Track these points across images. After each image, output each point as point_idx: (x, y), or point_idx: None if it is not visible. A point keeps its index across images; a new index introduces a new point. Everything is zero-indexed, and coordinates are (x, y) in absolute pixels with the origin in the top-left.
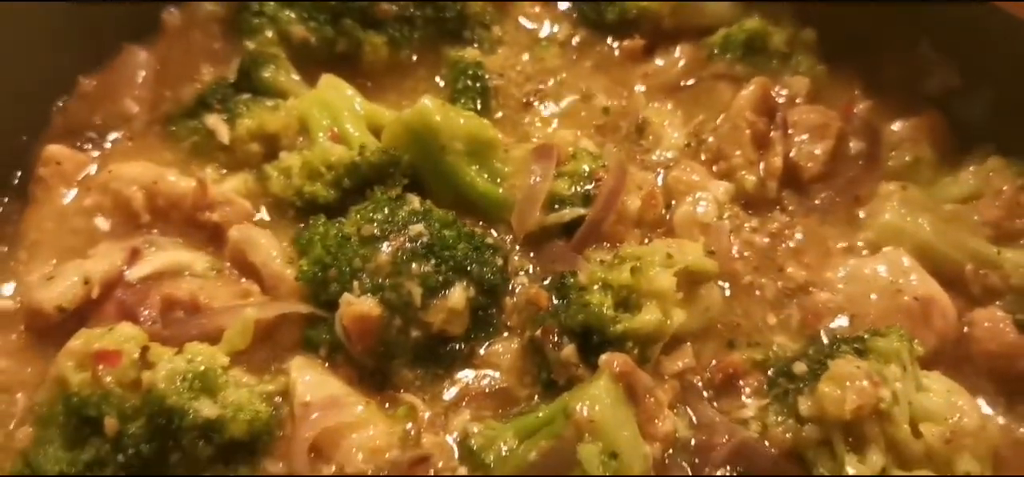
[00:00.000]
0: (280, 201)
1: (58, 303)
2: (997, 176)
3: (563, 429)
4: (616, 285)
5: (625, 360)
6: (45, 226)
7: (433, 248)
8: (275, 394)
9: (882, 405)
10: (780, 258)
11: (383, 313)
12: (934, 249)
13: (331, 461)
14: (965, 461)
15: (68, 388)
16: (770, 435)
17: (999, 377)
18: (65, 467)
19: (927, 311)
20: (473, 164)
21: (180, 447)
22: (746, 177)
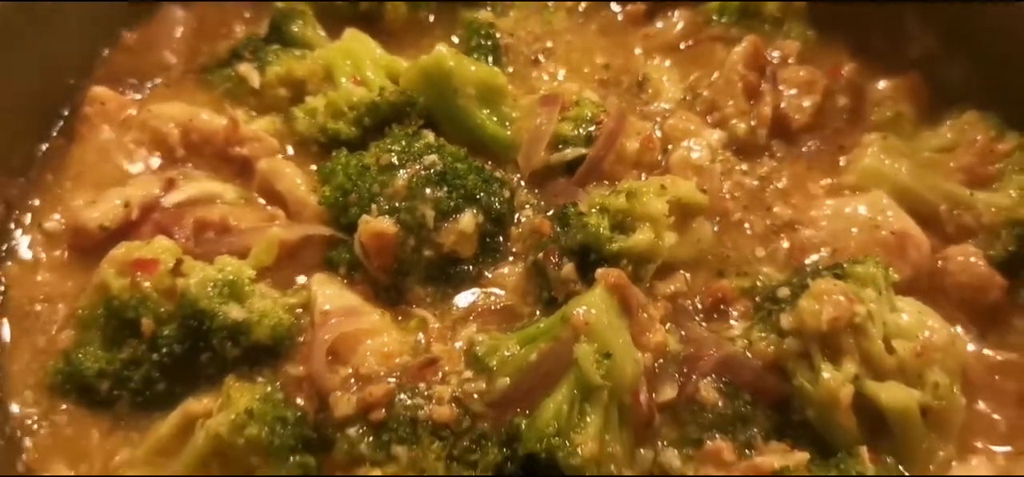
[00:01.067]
0: (305, 139)
1: (100, 222)
2: (972, 128)
3: (561, 333)
4: (613, 209)
5: (619, 274)
6: (88, 159)
7: (445, 176)
8: (297, 306)
9: (857, 320)
10: (768, 198)
11: (398, 232)
12: (911, 191)
13: (347, 364)
14: (934, 373)
15: (109, 292)
16: (754, 349)
17: (970, 308)
18: (104, 365)
19: (902, 244)
20: (484, 108)
21: (210, 347)
22: (738, 125)
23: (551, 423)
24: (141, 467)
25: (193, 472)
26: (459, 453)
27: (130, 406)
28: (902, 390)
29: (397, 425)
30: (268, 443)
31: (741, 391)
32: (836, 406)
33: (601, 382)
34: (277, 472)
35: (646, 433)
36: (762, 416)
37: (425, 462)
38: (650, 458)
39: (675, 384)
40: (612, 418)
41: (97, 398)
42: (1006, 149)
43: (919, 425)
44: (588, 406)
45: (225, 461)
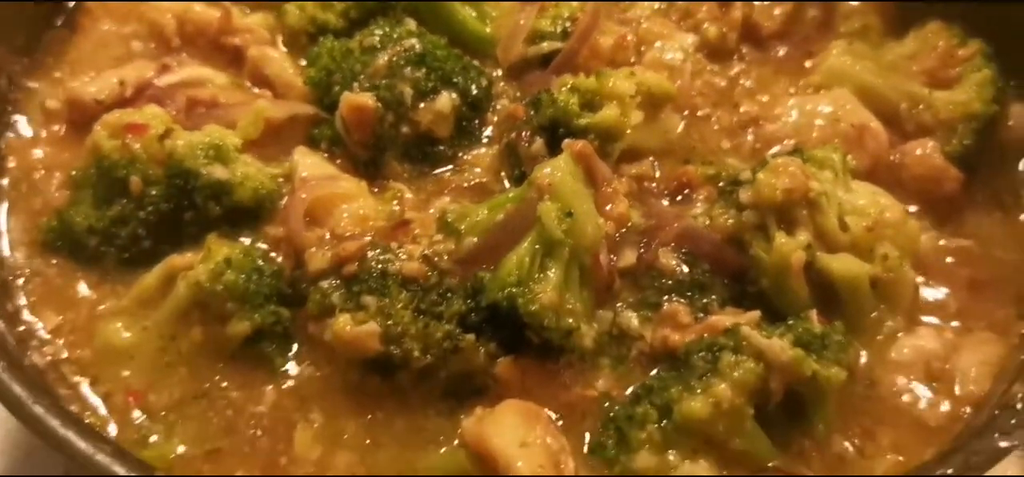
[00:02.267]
0: (295, 32)
1: (96, 96)
2: (935, 36)
3: (527, 194)
4: (582, 88)
5: (585, 144)
6: (88, 47)
7: (424, 58)
8: (279, 176)
9: (811, 194)
10: (736, 96)
11: (378, 107)
12: (873, 90)
13: (323, 226)
14: (885, 247)
15: (100, 152)
16: (714, 224)
17: (926, 199)
18: (93, 222)
19: (861, 135)
20: (465, 6)
21: (193, 206)
22: (709, 28)
23: (513, 273)
24: (125, 316)
25: (174, 319)
26: (426, 305)
27: (117, 262)
28: (853, 261)
29: (368, 277)
30: (244, 289)
31: (700, 261)
32: (788, 270)
33: (562, 237)
34: (251, 317)
35: (606, 296)
36: (719, 285)
37: (393, 311)
38: (609, 318)
39: (636, 251)
40: (573, 276)
41: (86, 254)
42: (967, 54)
43: (868, 295)
44: (549, 261)
45: (204, 310)
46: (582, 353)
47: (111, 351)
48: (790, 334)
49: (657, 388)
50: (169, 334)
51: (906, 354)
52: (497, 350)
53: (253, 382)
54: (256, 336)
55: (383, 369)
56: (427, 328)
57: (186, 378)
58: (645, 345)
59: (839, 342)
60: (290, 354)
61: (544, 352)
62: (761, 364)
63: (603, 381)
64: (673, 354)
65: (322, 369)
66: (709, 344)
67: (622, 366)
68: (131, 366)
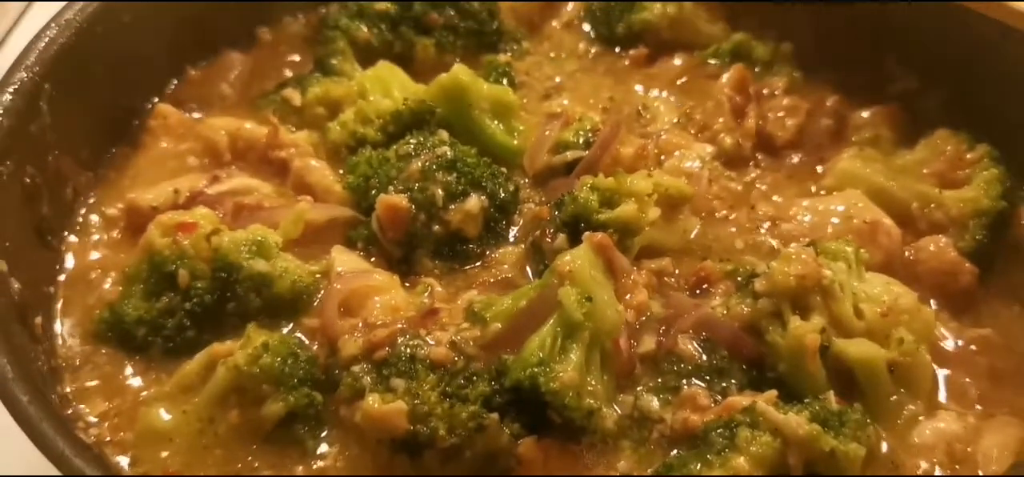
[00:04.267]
0: (337, 146)
1: (151, 202)
2: (943, 142)
3: (549, 282)
4: (602, 187)
5: (605, 236)
6: (148, 163)
7: (455, 164)
8: (317, 272)
9: (825, 282)
10: (752, 199)
11: (411, 208)
12: (885, 190)
13: (357, 316)
14: (900, 331)
15: (152, 248)
16: (731, 313)
17: (943, 293)
18: (143, 313)
19: (874, 230)
20: (494, 120)
21: (235, 297)
22: (725, 138)
23: (535, 354)
24: (167, 400)
25: (213, 403)
26: (453, 388)
27: (162, 352)
28: (869, 345)
29: (397, 361)
30: (280, 372)
31: (718, 347)
32: (804, 353)
33: (582, 320)
34: (286, 399)
35: (627, 381)
36: (738, 370)
37: (420, 392)
38: (630, 402)
39: (655, 337)
40: (594, 359)
41: (134, 344)
42: (975, 157)
43: (886, 379)
44: (570, 343)
45: (242, 394)
46: (603, 435)
47: (152, 433)
48: (807, 411)
49: (677, 465)
50: (207, 417)
51: (928, 437)
52: (521, 431)
53: (284, 463)
54: (289, 418)
55: (411, 449)
56: (453, 408)
57: (221, 459)
58: (666, 428)
59: (857, 420)
60: (321, 436)
61: (566, 434)
62: (779, 440)
63: (624, 463)
64: (693, 435)
65: (352, 451)
66: (727, 422)
67: (643, 448)
68: (170, 448)
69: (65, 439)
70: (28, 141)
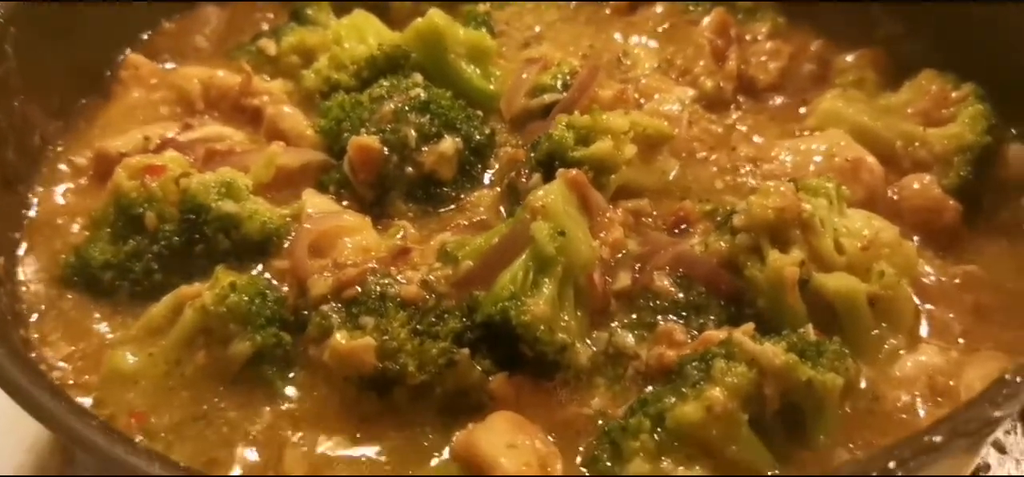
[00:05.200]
0: (311, 94)
1: (120, 149)
2: (928, 82)
3: (521, 217)
4: (577, 125)
5: (578, 172)
6: (118, 113)
7: (429, 106)
8: (287, 215)
9: (804, 214)
10: (733, 141)
11: (382, 149)
12: (867, 129)
13: (327, 257)
14: (881, 265)
15: (120, 192)
16: (709, 250)
17: (927, 229)
18: (109, 257)
19: (856, 168)
20: (471, 65)
21: (204, 238)
22: (706, 81)
23: (506, 288)
24: (133, 343)
25: (180, 345)
26: (423, 326)
27: (129, 295)
28: (848, 278)
29: (367, 299)
30: (247, 311)
31: (695, 284)
32: (783, 287)
33: (554, 253)
34: (253, 338)
35: (602, 318)
36: (716, 307)
37: (390, 329)
38: (605, 338)
39: (630, 274)
40: (567, 294)
41: (100, 288)
42: (960, 96)
43: (866, 313)
44: (542, 277)
45: (209, 335)
46: (577, 371)
47: (117, 375)
48: (784, 342)
49: (651, 400)
50: (174, 359)
51: (909, 369)
52: (492, 368)
53: (251, 403)
54: (257, 358)
55: (379, 386)
56: (423, 345)
57: (187, 401)
58: (641, 364)
59: (835, 351)
60: (289, 377)
61: (539, 370)
62: (755, 370)
63: (598, 400)
64: (668, 371)
65: (321, 391)
66: (702, 354)
67: (618, 385)
68: (135, 389)
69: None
70: None
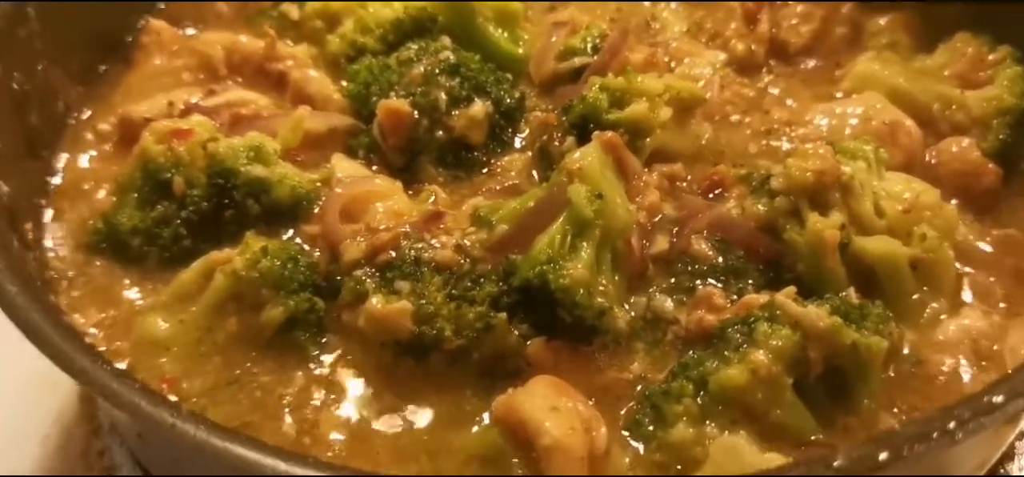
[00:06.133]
0: (336, 58)
1: (144, 114)
2: (964, 45)
3: (557, 180)
4: (611, 87)
5: (614, 134)
6: (141, 79)
7: (458, 68)
8: (318, 180)
9: (843, 177)
10: (766, 104)
11: (412, 112)
12: (904, 92)
13: (359, 221)
14: (922, 228)
15: (146, 156)
16: (746, 213)
17: (966, 194)
18: (137, 222)
19: (893, 131)
20: (498, 28)
21: (233, 204)
22: (737, 45)
23: (544, 252)
24: (164, 310)
25: (211, 311)
26: (459, 290)
27: (158, 261)
28: (890, 242)
29: (402, 264)
30: (279, 275)
31: (733, 248)
32: (823, 250)
33: (592, 216)
34: (285, 303)
35: (640, 282)
36: (754, 271)
37: (426, 293)
38: (643, 303)
39: (668, 238)
40: (604, 258)
41: (129, 254)
42: (997, 58)
43: (908, 276)
44: (580, 240)
45: (240, 300)
46: (616, 336)
47: (148, 342)
48: (827, 305)
49: (693, 364)
50: (206, 325)
51: (952, 333)
52: (530, 332)
53: (284, 367)
54: (290, 324)
55: (416, 351)
56: (459, 309)
57: (220, 366)
58: (680, 329)
59: (879, 315)
60: (323, 342)
61: (577, 334)
62: (798, 333)
63: (638, 364)
64: (709, 336)
65: (355, 355)
66: (744, 318)
67: (657, 349)
68: (167, 356)
69: (57, 329)
70: (16, 46)
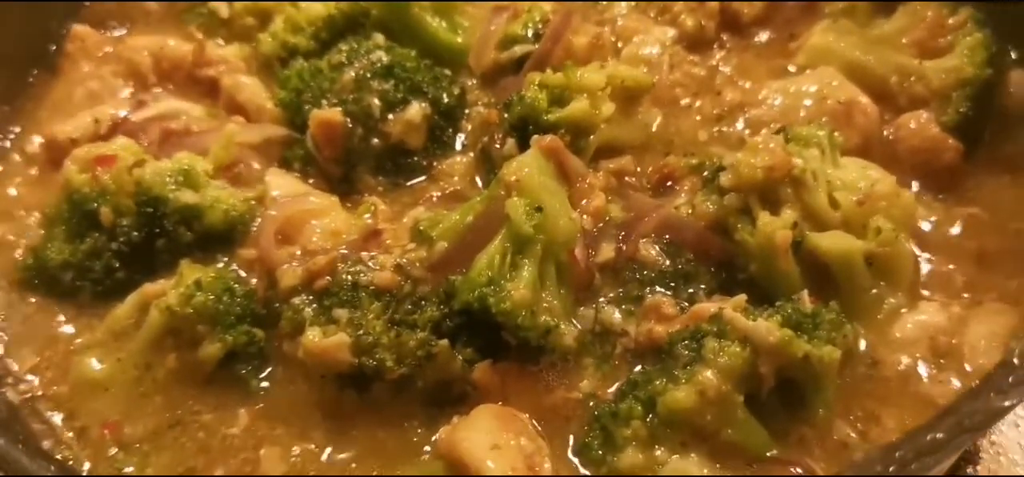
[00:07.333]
0: (269, 60)
1: (70, 134)
2: (923, 8)
3: (495, 193)
4: (550, 84)
5: (554, 138)
6: (68, 90)
7: (392, 70)
8: (252, 199)
9: (795, 171)
10: (718, 85)
11: (346, 122)
12: (861, 65)
13: (295, 243)
14: (878, 220)
15: (71, 187)
16: (696, 212)
17: (925, 171)
18: (67, 256)
19: (849, 111)
20: (436, 17)
21: (165, 233)
22: (686, 20)
23: (483, 273)
24: (99, 348)
25: (148, 348)
26: (400, 315)
27: (92, 295)
28: (844, 237)
29: (339, 290)
30: (214, 310)
31: (683, 250)
32: (775, 251)
33: (531, 232)
34: (223, 339)
35: (587, 293)
36: (706, 274)
37: (364, 322)
38: (591, 316)
39: (614, 244)
40: (548, 273)
41: (62, 289)
42: (957, 22)
43: (863, 272)
44: (521, 258)
45: (177, 336)
46: (564, 353)
47: (86, 384)
48: (778, 315)
49: (641, 382)
50: (144, 363)
51: (909, 330)
52: (474, 356)
53: (227, 404)
54: (230, 358)
55: (358, 383)
56: (400, 337)
57: (161, 406)
58: (630, 341)
59: (832, 320)
60: (265, 375)
61: (524, 355)
62: (748, 348)
63: (587, 382)
64: (658, 347)
65: (298, 387)
66: (693, 333)
67: (607, 365)
68: (106, 398)
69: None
70: None
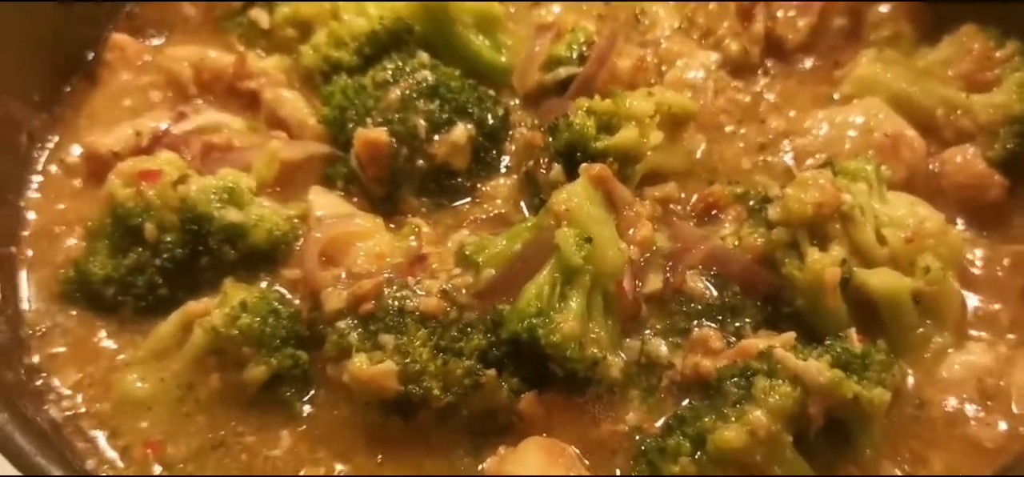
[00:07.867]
0: (310, 73)
1: (112, 147)
2: (969, 40)
3: (544, 222)
4: (599, 111)
5: (603, 167)
6: (106, 100)
7: (437, 90)
8: (295, 217)
9: (844, 207)
10: (762, 113)
11: (391, 142)
12: (907, 97)
13: (339, 265)
14: (926, 259)
15: (115, 201)
16: (743, 244)
17: (970, 207)
18: (110, 271)
19: (896, 144)
20: (479, 35)
21: (209, 250)
22: (731, 44)
23: (532, 304)
24: (142, 366)
25: (191, 367)
26: (446, 342)
27: (134, 311)
28: (892, 275)
29: (385, 315)
30: (260, 333)
31: (730, 283)
32: (823, 288)
33: (581, 264)
34: (268, 361)
35: (633, 324)
36: (752, 307)
37: (411, 349)
38: (637, 347)
39: (662, 275)
40: (596, 304)
41: (104, 304)
42: (1005, 55)
43: (911, 311)
44: (570, 289)
45: (221, 356)
46: (610, 385)
47: (129, 403)
48: (828, 355)
49: (689, 418)
50: (187, 383)
51: (957, 371)
52: (521, 386)
53: (269, 426)
54: (274, 380)
55: (403, 410)
56: (446, 365)
57: (204, 427)
58: (676, 374)
59: (881, 361)
60: (308, 398)
61: (570, 386)
62: (798, 388)
63: (633, 414)
64: (705, 382)
65: (342, 411)
66: (742, 369)
67: (652, 397)
68: (149, 417)
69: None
70: None
